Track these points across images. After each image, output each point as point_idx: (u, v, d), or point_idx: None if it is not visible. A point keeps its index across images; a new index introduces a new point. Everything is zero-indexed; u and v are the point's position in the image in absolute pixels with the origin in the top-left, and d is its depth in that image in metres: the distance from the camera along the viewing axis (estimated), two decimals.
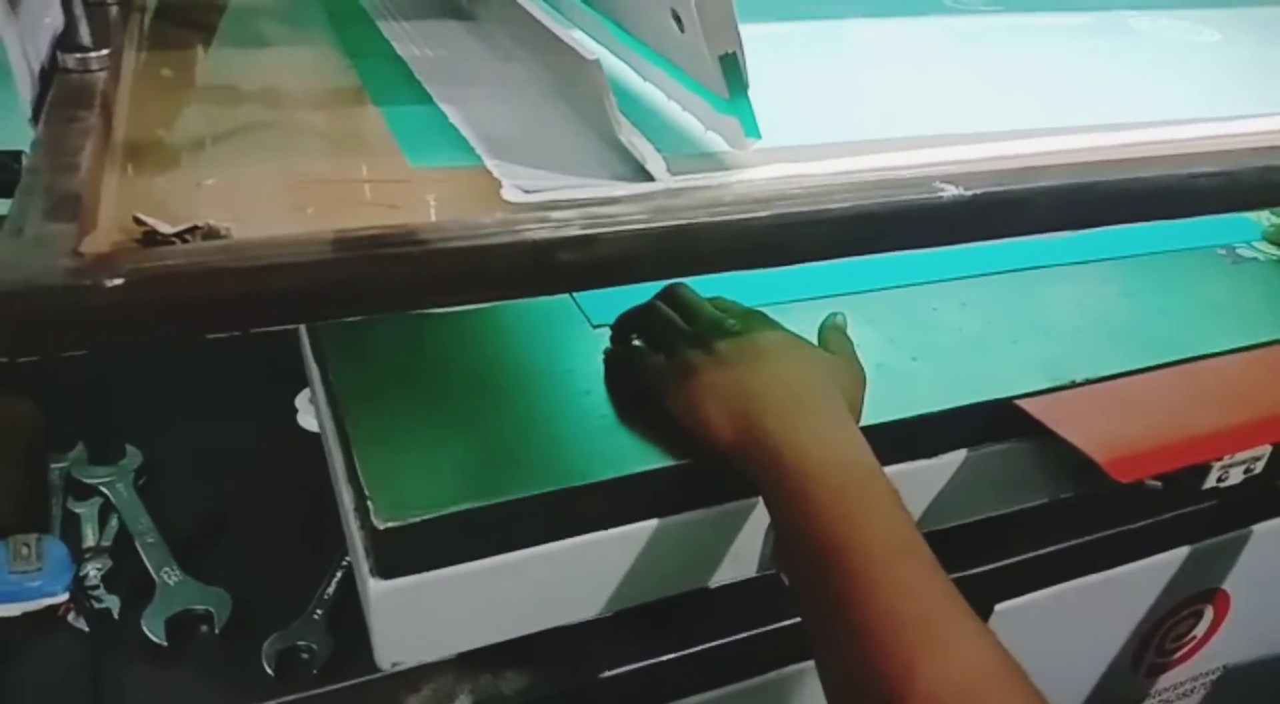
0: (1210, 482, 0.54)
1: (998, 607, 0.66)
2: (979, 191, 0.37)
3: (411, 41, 0.55)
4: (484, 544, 0.47)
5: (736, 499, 0.51)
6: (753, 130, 0.40)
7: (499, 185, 0.36)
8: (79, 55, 0.42)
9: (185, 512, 0.61)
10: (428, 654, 0.51)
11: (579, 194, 0.35)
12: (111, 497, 0.61)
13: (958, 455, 0.55)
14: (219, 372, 0.74)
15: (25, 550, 0.55)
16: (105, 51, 0.43)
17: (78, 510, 0.61)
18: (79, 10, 0.44)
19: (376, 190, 0.37)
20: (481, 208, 0.34)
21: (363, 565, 0.45)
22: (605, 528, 0.49)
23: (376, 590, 0.44)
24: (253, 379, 0.73)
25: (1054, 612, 0.69)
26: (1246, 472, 0.54)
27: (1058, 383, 0.56)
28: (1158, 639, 0.78)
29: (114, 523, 0.60)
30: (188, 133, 0.42)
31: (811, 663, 0.45)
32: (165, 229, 0.33)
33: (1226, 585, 0.77)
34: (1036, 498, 0.60)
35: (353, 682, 0.53)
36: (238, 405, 0.71)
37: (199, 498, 0.63)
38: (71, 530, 0.59)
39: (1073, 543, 0.66)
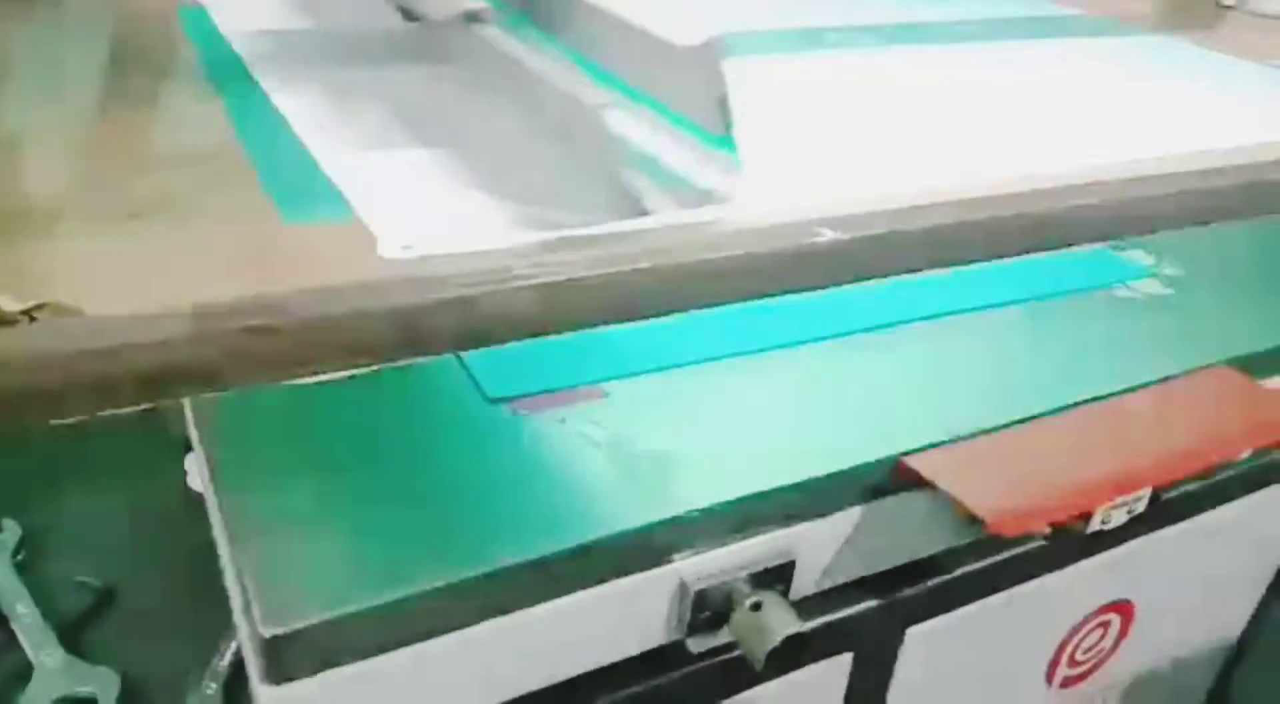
0: (1095, 525, 0.55)
1: (909, 631, 0.67)
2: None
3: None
4: (381, 640, 0.45)
5: (645, 570, 0.51)
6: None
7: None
8: None
9: (68, 587, 0.58)
10: None
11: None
12: None
13: (852, 513, 0.56)
14: (102, 436, 0.71)
15: None
16: None
17: None
18: None
19: (243, 252, 0.36)
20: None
21: (252, 668, 0.43)
22: (507, 613, 0.48)
23: (266, 697, 0.42)
24: (139, 443, 0.70)
25: (966, 631, 0.70)
26: (1129, 513, 0.56)
27: (944, 438, 0.57)
28: (1068, 652, 0.80)
29: None
30: (31, 199, 0.40)
31: None
32: (11, 307, 0.32)
33: (1130, 595, 0.79)
34: (934, 547, 0.61)
35: None
36: (123, 470, 0.68)
37: (83, 571, 0.60)
38: None
39: (978, 566, 0.67)
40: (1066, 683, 0.83)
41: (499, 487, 0.50)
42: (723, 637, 0.54)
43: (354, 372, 0.31)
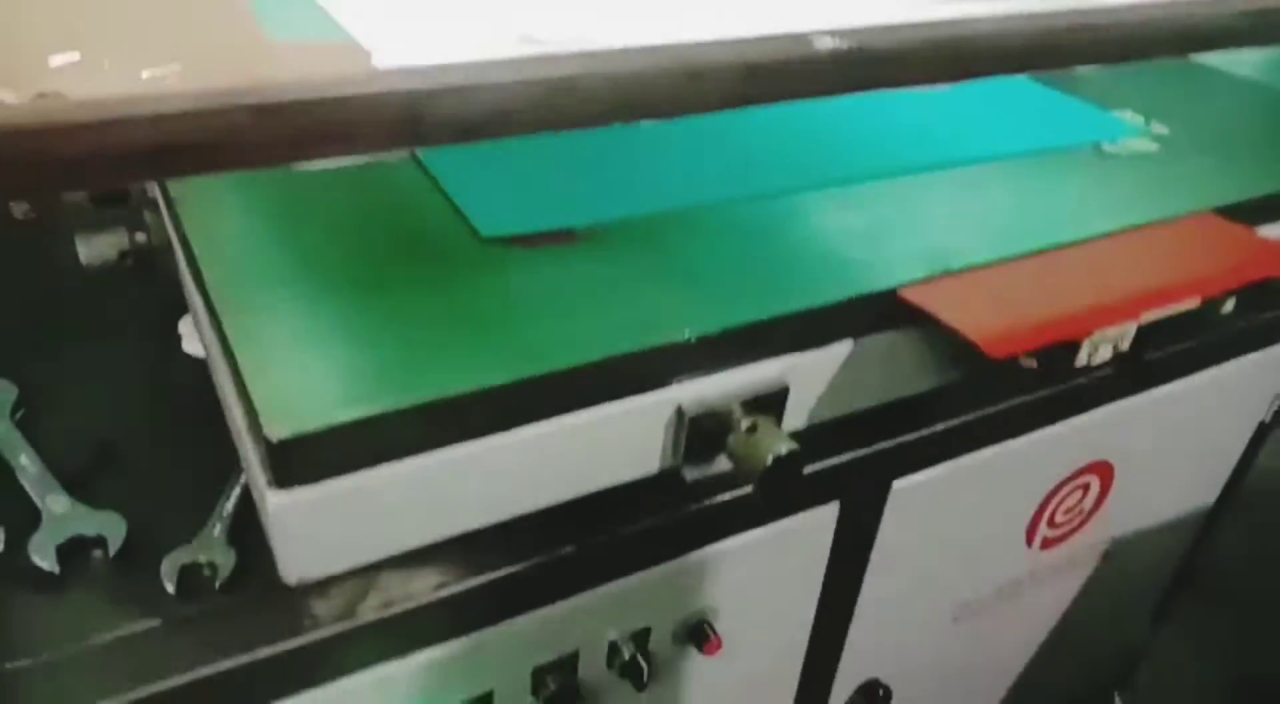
0: (1081, 359, 0.56)
1: (895, 484, 0.69)
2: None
3: None
4: (381, 450, 0.46)
5: (642, 394, 0.52)
6: None
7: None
8: None
9: (69, 443, 0.59)
10: (334, 566, 0.50)
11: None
12: None
13: (845, 346, 0.57)
14: (95, 303, 0.71)
15: None
16: None
17: None
18: None
19: (236, 58, 0.36)
20: None
21: (259, 480, 0.44)
22: (506, 429, 0.49)
23: (275, 503, 0.43)
24: (132, 309, 0.71)
25: (948, 487, 0.72)
26: (1115, 349, 0.57)
27: (936, 272, 0.57)
28: (1049, 513, 0.82)
29: None
30: (33, 11, 0.39)
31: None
32: (11, 99, 0.32)
33: (1110, 456, 0.81)
34: (922, 385, 0.62)
35: (260, 591, 0.52)
36: (117, 335, 0.68)
37: (83, 428, 0.60)
38: None
39: (963, 420, 0.69)
40: (1046, 544, 0.86)
41: (495, 314, 0.51)
42: (718, 466, 0.55)
43: (348, 161, 0.31)
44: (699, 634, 0.65)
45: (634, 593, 0.61)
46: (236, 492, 0.56)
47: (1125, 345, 0.58)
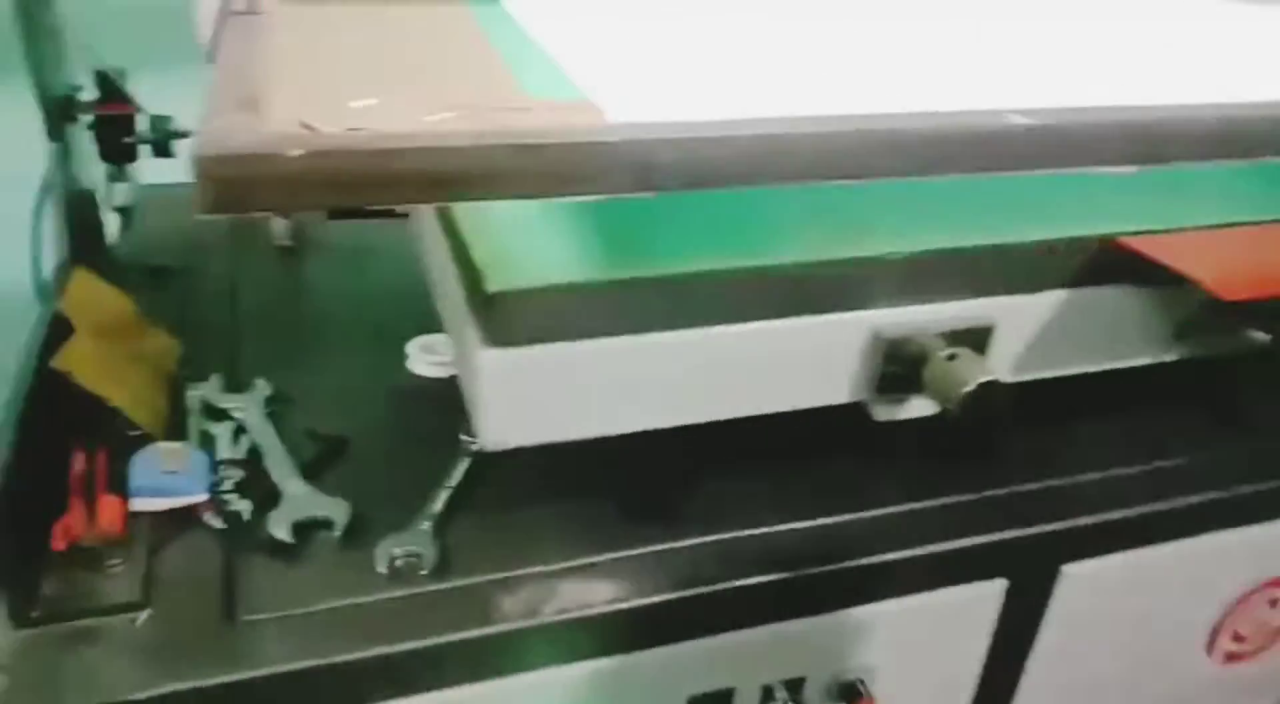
0: None
1: (1065, 568, 0.68)
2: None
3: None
4: (588, 324, 0.49)
5: (840, 312, 0.52)
6: None
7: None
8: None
9: (308, 438, 0.68)
10: (532, 435, 0.53)
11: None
12: (243, 420, 0.68)
13: (1059, 294, 0.56)
14: (338, 321, 0.81)
15: (171, 455, 0.61)
16: None
17: (213, 431, 0.67)
18: None
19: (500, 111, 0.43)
20: None
21: (472, 340, 0.48)
22: (726, 323, 0.50)
23: (485, 358, 0.47)
24: (367, 329, 0.80)
25: (1124, 578, 0.70)
26: None
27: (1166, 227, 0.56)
28: (1233, 624, 0.78)
29: (245, 442, 0.66)
30: (336, 68, 0.48)
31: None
32: (329, 130, 0.39)
33: None
34: (1134, 355, 0.60)
35: (454, 583, 0.58)
36: (354, 351, 0.78)
37: (321, 426, 0.69)
38: (207, 447, 0.66)
39: (1142, 510, 0.68)
40: (1229, 659, 0.82)
41: (704, 220, 0.54)
42: (909, 407, 0.55)
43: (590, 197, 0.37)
44: (852, 692, 0.66)
45: (795, 639, 0.63)
46: (444, 495, 0.63)
47: None
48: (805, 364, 0.54)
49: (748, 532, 0.62)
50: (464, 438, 0.67)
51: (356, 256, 0.93)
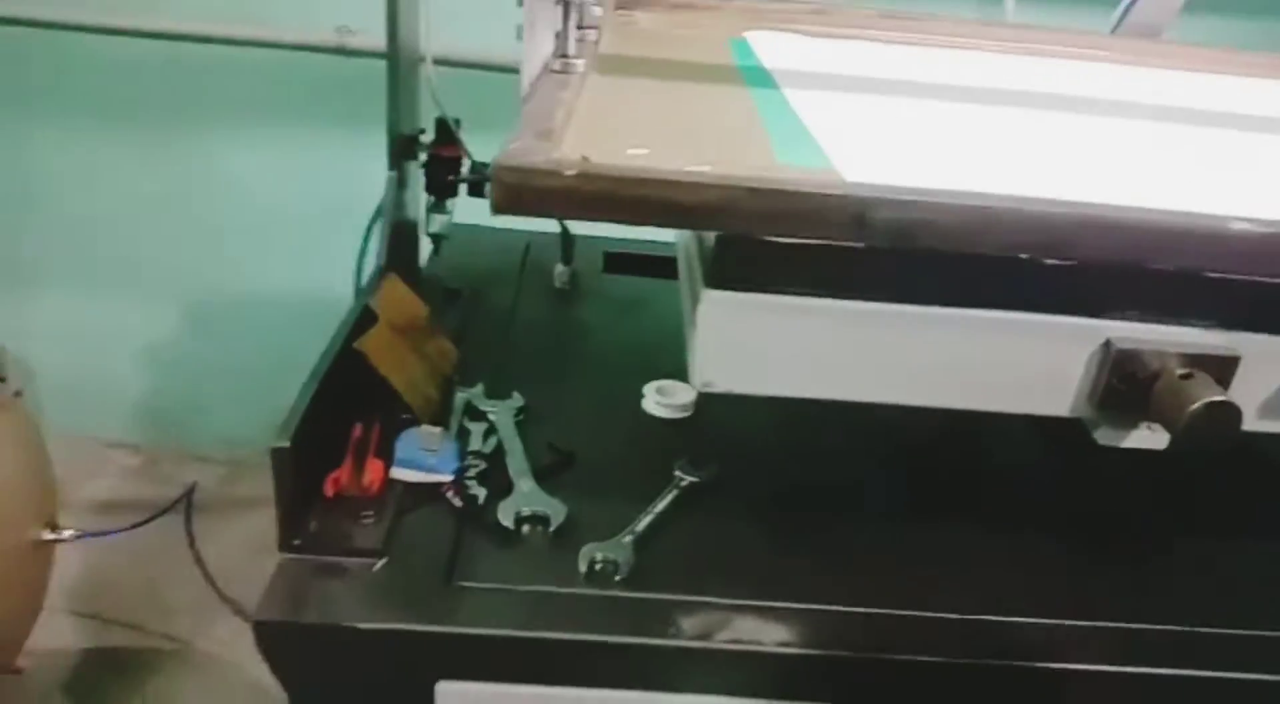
0: None
1: None
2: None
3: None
4: (819, 282, 0.51)
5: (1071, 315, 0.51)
6: None
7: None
8: (563, 61, 0.59)
9: (546, 448, 0.76)
10: (739, 383, 0.55)
11: None
12: (496, 422, 0.77)
13: None
14: (591, 359, 0.90)
15: (431, 437, 0.71)
16: (581, 61, 0.59)
17: (470, 428, 0.77)
18: (570, 34, 0.60)
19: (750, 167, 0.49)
20: None
21: (698, 286, 0.52)
22: (957, 306, 0.51)
23: (707, 298, 0.51)
24: (616, 368, 0.88)
25: None
26: None
27: None
28: None
29: (494, 441, 0.75)
30: (625, 124, 0.56)
31: None
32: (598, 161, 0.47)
33: None
34: None
35: (641, 594, 0.63)
36: (600, 384, 0.86)
37: (558, 440, 0.77)
38: (463, 441, 0.75)
39: None
40: None
41: None
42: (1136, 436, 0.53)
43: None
44: None
45: None
46: (649, 518, 0.68)
47: None
48: (1032, 365, 0.53)
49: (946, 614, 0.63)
50: (677, 473, 0.72)
51: (623, 306, 1.02)
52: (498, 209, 0.41)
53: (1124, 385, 0.51)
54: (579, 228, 1.06)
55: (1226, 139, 0.73)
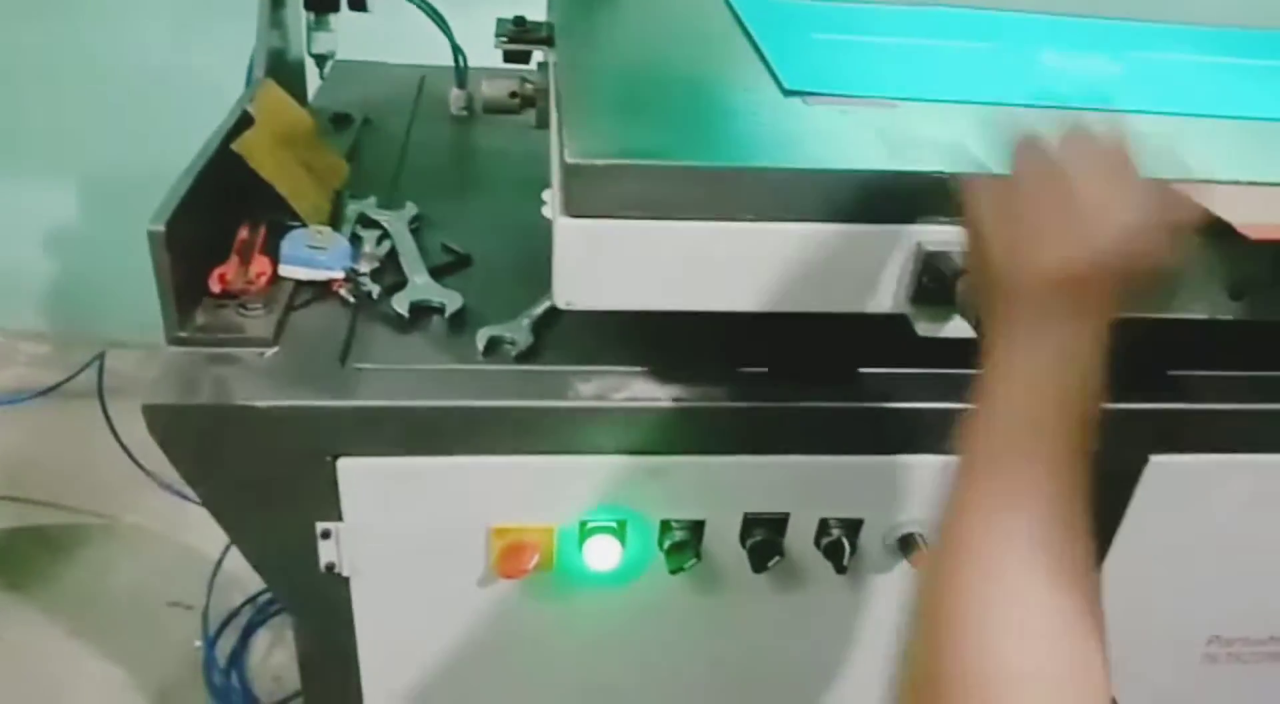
0: None
1: (1153, 458, 0.67)
2: None
3: None
4: (664, 204, 0.53)
5: (886, 224, 0.56)
6: None
7: None
8: None
9: (442, 250, 0.75)
10: (596, 300, 0.58)
11: None
12: (390, 229, 0.76)
13: None
14: (489, 174, 0.89)
15: (319, 236, 0.70)
16: None
17: (362, 234, 0.76)
18: None
19: None
20: None
21: (557, 208, 0.55)
22: (780, 221, 0.55)
23: (562, 225, 0.54)
24: (514, 181, 0.87)
25: (1212, 480, 0.68)
26: None
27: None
28: None
29: (388, 245, 0.74)
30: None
31: None
32: None
33: None
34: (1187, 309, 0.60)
35: (541, 366, 0.64)
36: (498, 195, 0.85)
37: (452, 243, 0.76)
38: (355, 246, 0.74)
39: (1240, 407, 0.66)
40: None
41: (777, 138, 0.59)
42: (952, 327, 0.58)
43: None
44: (909, 544, 0.68)
45: (850, 475, 0.65)
46: (546, 303, 0.68)
47: None
48: (858, 269, 0.57)
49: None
50: None
51: (522, 131, 1.01)
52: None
53: (934, 283, 0.56)
54: (476, 58, 1.03)
55: None
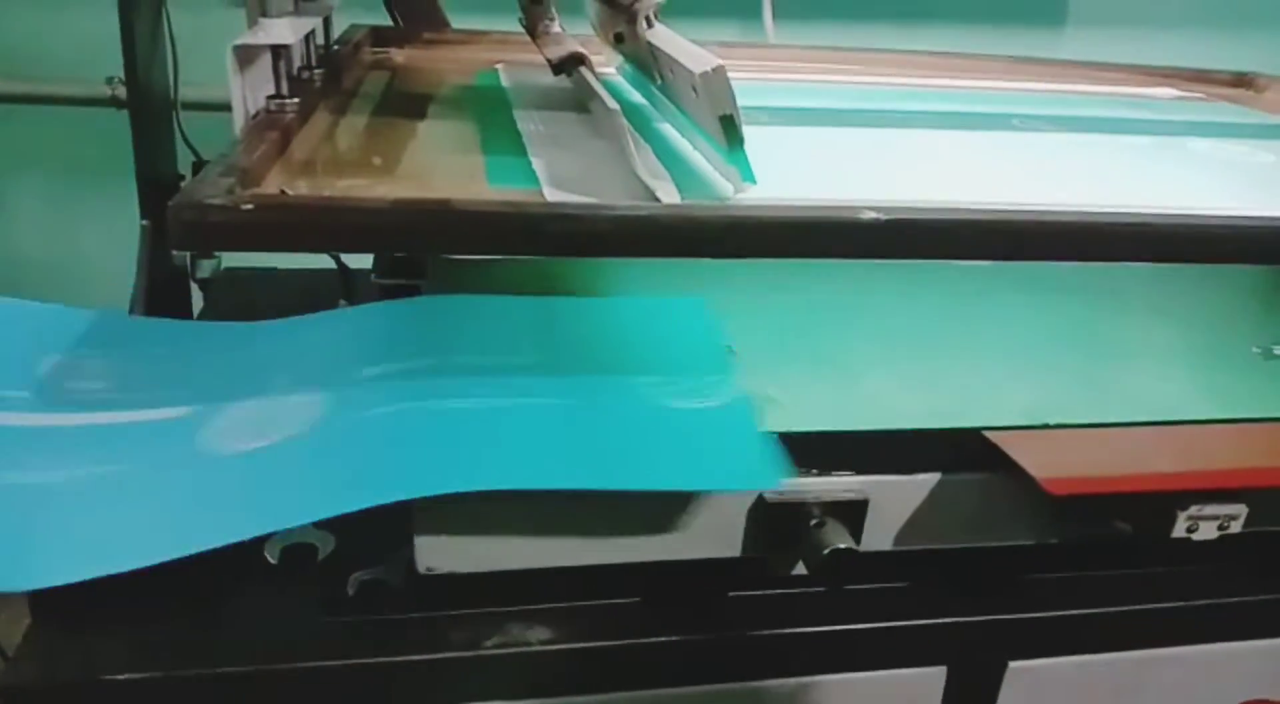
0: (1179, 531, 0.56)
1: (1012, 664, 0.69)
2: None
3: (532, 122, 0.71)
4: None
5: None
6: (748, 176, 0.52)
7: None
8: (276, 102, 0.60)
9: None
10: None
11: None
12: None
13: (932, 477, 0.61)
14: None
15: None
16: (295, 100, 0.60)
17: None
18: (282, 77, 0.62)
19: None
20: None
21: None
22: None
23: None
24: None
25: (1074, 682, 0.71)
26: (1221, 528, 0.57)
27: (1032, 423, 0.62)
28: None
29: None
30: (334, 160, 0.58)
31: None
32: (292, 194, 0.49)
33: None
34: (1013, 537, 0.64)
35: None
36: None
37: None
38: None
39: (1095, 611, 0.69)
40: None
41: None
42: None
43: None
44: None
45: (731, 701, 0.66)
46: None
47: (1236, 526, 0.57)
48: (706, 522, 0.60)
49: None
50: None
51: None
52: (178, 245, 0.42)
53: (780, 531, 0.59)
54: (355, 261, 1.05)
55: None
